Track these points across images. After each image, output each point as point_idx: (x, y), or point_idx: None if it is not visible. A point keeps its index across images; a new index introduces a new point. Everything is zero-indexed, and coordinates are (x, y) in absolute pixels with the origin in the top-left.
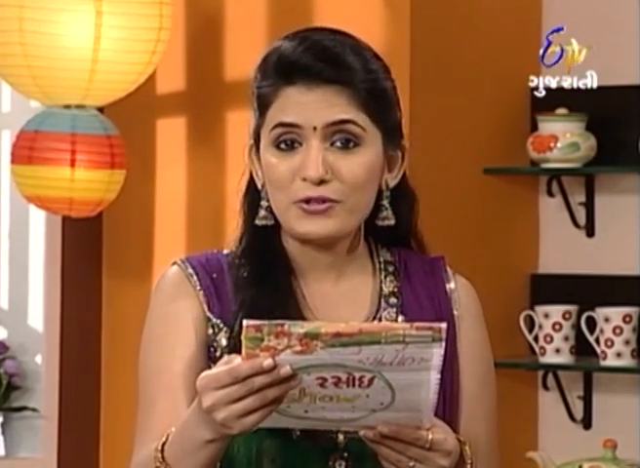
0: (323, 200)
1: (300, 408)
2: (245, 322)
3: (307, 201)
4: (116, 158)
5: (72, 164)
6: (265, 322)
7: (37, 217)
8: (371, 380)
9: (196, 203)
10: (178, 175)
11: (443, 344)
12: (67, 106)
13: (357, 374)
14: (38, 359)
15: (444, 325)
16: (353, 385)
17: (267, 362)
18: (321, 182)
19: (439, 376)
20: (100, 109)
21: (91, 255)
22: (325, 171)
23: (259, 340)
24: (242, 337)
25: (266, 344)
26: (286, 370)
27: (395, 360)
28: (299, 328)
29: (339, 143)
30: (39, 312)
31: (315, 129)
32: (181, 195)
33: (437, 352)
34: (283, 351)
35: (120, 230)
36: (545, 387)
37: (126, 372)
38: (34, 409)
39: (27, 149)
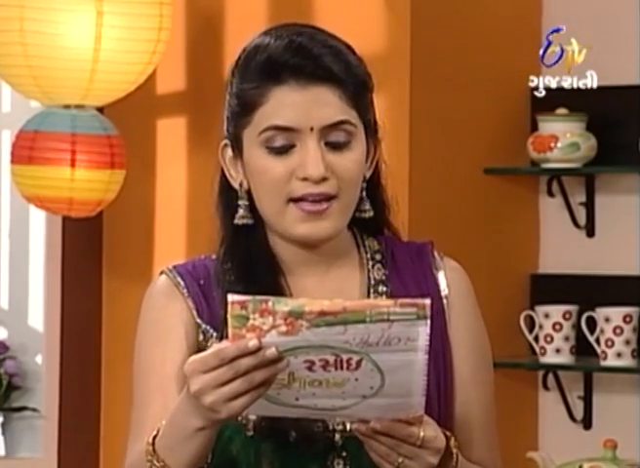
0: (322, 199)
1: (291, 395)
2: (230, 297)
3: (305, 199)
4: (116, 158)
5: (72, 164)
6: (250, 297)
7: (37, 217)
8: (359, 363)
9: (196, 203)
10: (178, 175)
11: (428, 322)
12: (67, 106)
13: (345, 356)
14: (38, 359)
15: (428, 301)
16: (341, 368)
17: (253, 342)
18: (321, 180)
19: (427, 357)
20: (100, 109)
21: (91, 255)
22: (325, 168)
23: (244, 319)
24: (228, 316)
25: (252, 324)
26: (272, 351)
27: (381, 340)
28: (282, 305)
29: (333, 143)
30: (39, 312)
31: (312, 129)
32: (181, 195)
33: (423, 331)
34: (269, 332)
35: (120, 230)
36: (546, 387)
37: (126, 372)
38: (34, 409)
39: (27, 149)
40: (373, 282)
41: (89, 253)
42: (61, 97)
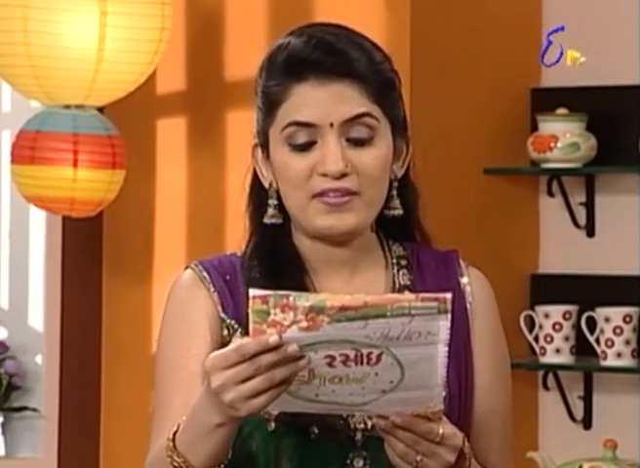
0: (342, 193)
1: (311, 391)
2: (251, 292)
3: (327, 194)
4: (117, 158)
5: (75, 164)
6: (271, 292)
7: (37, 217)
8: (379, 357)
9: (196, 203)
10: (178, 175)
11: (449, 316)
12: (67, 106)
13: (365, 351)
14: (38, 359)
15: (449, 295)
16: (362, 363)
17: (273, 338)
18: (341, 176)
19: (447, 349)
20: (100, 109)
21: (91, 255)
22: (345, 164)
23: (265, 314)
24: (249, 310)
25: (273, 319)
26: (293, 347)
27: (402, 334)
28: (304, 300)
29: (354, 139)
30: (39, 312)
31: (332, 125)
32: (181, 195)
33: (443, 325)
34: (289, 327)
35: (120, 230)
36: (546, 387)
37: (126, 372)
38: (34, 409)
39: (29, 149)
40: (398, 287)
41: (89, 253)
42: (63, 97)
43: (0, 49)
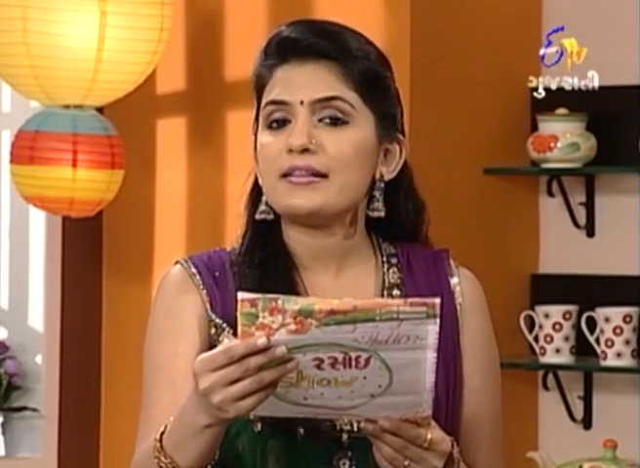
0: (307, 170)
1: (299, 394)
2: (240, 295)
3: (292, 173)
4: (116, 158)
5: (74, 164)
6: (260, 295)
7: (37, 217)
8: (367, 360)
9: (196, 203)
10: (178, 175)
11: (438, 321)
12: (66, 106)
13: (353, 354)
14: (38, 359)
15: (437, 300)
16: (350, 366)
17: (261, 341)
18: (305, 151)
19: (435, 355)
20: (100, 109)
21: (91, 255)
22: (309, 140)
23: (253, 316)
24: (237, 313)
25: (261, 322)
26: (281, 349)
27: (390, 338)
28: (292, 304)
29: (327, 119)
30: (39, 312)
31: (302, 103)
32: (181, 195)
33: (432, 329)
34: (278, 330)
35: (120, 230)
36: (545, 387)
37: (126, 372)
38: (34, 409)
39: (28, 149)
40: (387, 285)
41: (89, 253)
42: (63, 97)
43: (0, 49)
